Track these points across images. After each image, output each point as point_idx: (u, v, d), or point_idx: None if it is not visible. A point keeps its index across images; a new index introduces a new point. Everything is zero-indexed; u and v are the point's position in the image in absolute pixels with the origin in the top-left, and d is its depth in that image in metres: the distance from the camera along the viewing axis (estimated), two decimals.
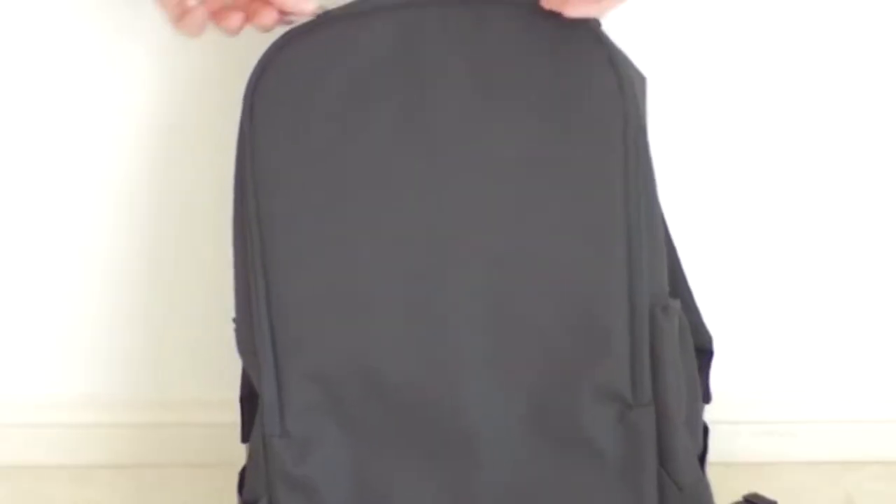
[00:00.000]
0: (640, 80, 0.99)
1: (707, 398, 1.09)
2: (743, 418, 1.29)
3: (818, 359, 1.28)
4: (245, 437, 1.07)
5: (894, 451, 1.29)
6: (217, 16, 0.96)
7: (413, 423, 0.96)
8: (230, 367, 1.08)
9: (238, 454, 1.08)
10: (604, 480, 0.96)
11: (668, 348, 0.95)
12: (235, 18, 0.95)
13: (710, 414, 1.12)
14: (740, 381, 1.28)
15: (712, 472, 1.06)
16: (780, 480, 1.26)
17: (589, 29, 0.95)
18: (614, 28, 1.00)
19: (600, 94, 0.94)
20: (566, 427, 0.96)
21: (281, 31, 0.99)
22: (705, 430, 1.07)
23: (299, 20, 0.97)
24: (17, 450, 1.32)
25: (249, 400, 1.05)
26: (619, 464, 0.96)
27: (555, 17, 0.94)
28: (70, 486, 1.30)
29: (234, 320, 1.02)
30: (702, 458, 1.04)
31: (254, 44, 1.00)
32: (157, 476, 1.30)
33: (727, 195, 1.23)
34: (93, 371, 1.31)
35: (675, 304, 0.97)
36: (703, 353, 1.08)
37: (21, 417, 1.32)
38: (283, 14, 0.96)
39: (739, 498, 1.15)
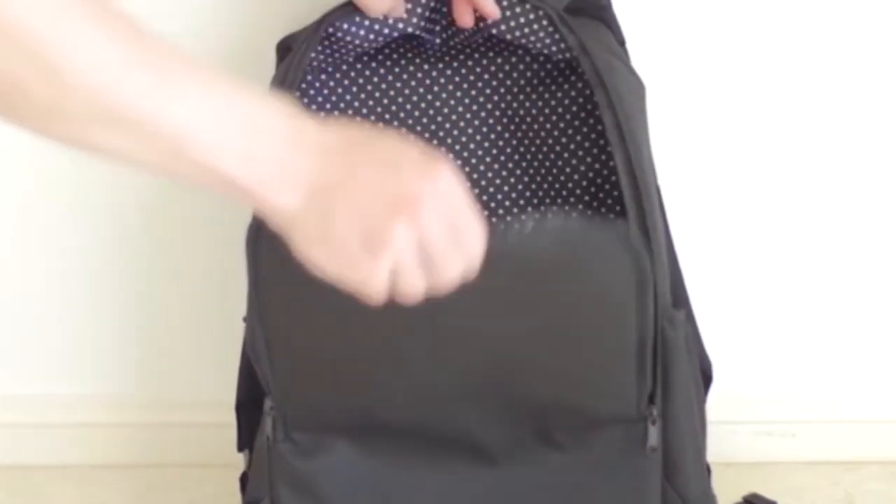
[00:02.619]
0: (639, 88, 0.99)
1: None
2: (743, 418, 1.29)
3: (818, 359, 1.28)
4: (241, 447, 1.07)
5: (894, 451, 1.29)
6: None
7: (417, 437, 0.96)
8: (235, 368, 1.08)
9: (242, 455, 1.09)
10: (607, 492, 0.95)
11: (676, 361, 0.94)
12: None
13: (710, 414, 1.12)
14: (740, 381, 1.28)
15: (712, 472, 1.07)
16: (780, 480, 1.26)
17: None
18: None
19: None
20: (571, 439, 0.95)
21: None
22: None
23: None
24: (17, 450, 1.32)
25: (246, 407, 1.05)
26: (623, 476, 0.95)
27: None
28: (72, 486, 1.30)
29: (245, 320, 1.02)
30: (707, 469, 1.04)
31: (263, 54, 1.01)
32: (162, 476, 1.30)
33: (725, 195, 1.23)
34: (96, 371, 1.31)
35: (680, 314, 0.97)
36: (702, 377, 1.07)
37: (22, 417, 1.32)
38: None
39: (739, 498, 1.15)
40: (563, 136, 1.05)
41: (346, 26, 1.00)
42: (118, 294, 1.28)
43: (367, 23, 1.00)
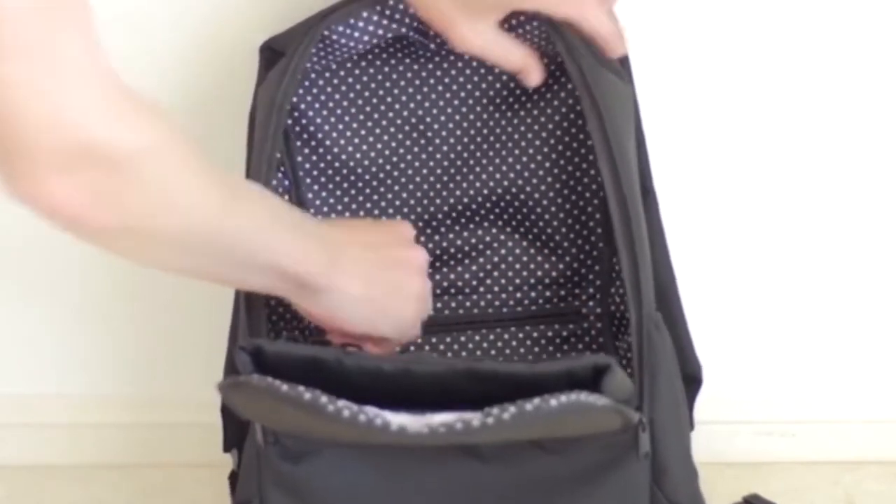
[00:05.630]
0: (628, 95, 1.00)
1: (691, 425, 1.08)
2: (743, 418, 1.28)
3: (818, 359, 1.28)
4: (227, 447, 1.07)
5: (894, 451, 1.29)
6: None
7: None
8: None
9: None
10: (596, 497, 0.95)
11: (662, 365, 0.94)
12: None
13: (710, 414, 1.12)
14: (740, 381, 1.27)
15: (712, 472, 1.06)
16: (779, 480, 1.26)
17: None
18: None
19: None
20: (561, 441, 0.94)
21: None
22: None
23: None
24: (17, 450, 1.32)
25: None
26: (612, 481, 0.94)
27: None
28: (72, 486, 1.30)
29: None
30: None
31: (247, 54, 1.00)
32: (161, 476, 1.31)
33: (721, 196, 1.23)
34: (95, 371, 1.31)
35: (658, 316, 0.96)
36: (692, 381, 1.07)
37: (22, 417, 1.33)
38: None
39: (739, 499, 1.15)
40: (545, 146, 1.07)
41: (340, 28, 1.01)
42: (119, 293, 1.28)
43: (360, 24, 1.01)
